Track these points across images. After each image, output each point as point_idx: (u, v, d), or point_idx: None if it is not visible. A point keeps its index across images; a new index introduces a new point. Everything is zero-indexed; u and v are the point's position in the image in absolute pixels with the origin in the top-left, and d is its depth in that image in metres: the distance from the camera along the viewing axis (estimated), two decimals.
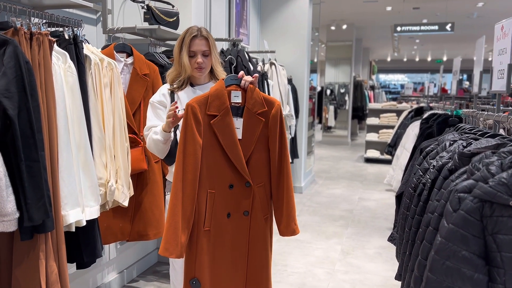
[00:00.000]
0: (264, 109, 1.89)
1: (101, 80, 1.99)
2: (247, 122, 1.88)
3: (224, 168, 1.87)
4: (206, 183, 1.85)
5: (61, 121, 1.72)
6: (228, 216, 1.89)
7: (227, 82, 1.88)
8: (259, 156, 1.91)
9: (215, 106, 1.84)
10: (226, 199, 1.88)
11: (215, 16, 4.07)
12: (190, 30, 2.07)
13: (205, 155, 1.85)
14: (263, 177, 1.93)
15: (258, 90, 1.91)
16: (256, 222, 1.92)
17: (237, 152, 1.86)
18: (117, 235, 2.52)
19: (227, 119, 1.84)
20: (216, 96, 1.84)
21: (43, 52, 1.66)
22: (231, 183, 1.88)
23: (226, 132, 1.85)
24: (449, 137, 2.21)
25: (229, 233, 1.90)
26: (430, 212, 1.60)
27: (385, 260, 3.69)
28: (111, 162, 2.03)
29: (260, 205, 1.93)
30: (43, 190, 1.59)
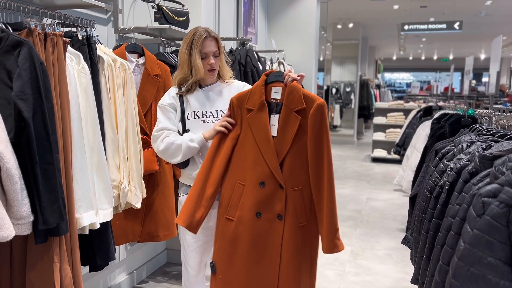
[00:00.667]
0: (302, 107, 1.79)
1: (114, 81, 1.97)
2: (284, 120, 1.82)
3: (257, 163, 1.83)
4: (237, 174, 1.87)
5: (75, 122, 1.71)
6: (258, 215, 1.82)
7: (271, 78, 1.88)
8: (296, 158, 1.81)
9: (252, 101, 1.87)
10: (256, 197, 1.82)
11: (223, 15, 4.04)
12: (198, 32, 2.01)
13: (240, 147, 1.88)
14: (300, 180, 1.82)
15: (299, 87, 1.83)
16: (291, 229, 1.81)
17: (269, 149, 1.82)
18: (128, 236, 2.50)
19: (261, 114, 1.84)
20: (255, 91, 1.88)
21: (57, 53, 1.64)
22: (263, 180, 1.82)
23: (259, 127, 1.85)
24: (466, 138, 2.18)
25: (258, 233, 1.83)
26: (450, 216, 1.57)
27: (396, 262, 3.65)
28: (124, 164, 2.02)
29: (295, 211, 1.81)
30: (57, 193, 1.57)
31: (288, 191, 1.83)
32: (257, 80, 3.63)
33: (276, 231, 1.83)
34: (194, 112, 2.04)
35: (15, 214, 1.48)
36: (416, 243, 2.20)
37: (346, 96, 13.14)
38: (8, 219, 1.43)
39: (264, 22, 5.76)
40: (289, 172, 1.83)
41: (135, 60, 2.44)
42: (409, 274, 3.41)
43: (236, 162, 1.88)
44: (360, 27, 11.53)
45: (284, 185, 1.82)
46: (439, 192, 1.97)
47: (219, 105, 2.09)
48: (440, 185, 1.97)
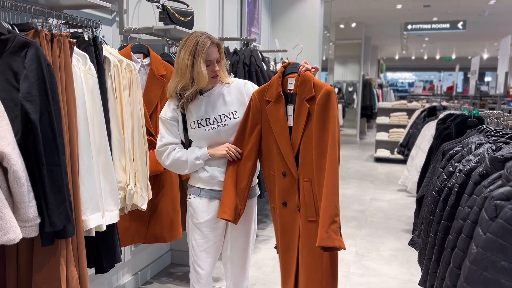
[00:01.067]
0: (311, 94, 1.78)
1: (120, 82, 1.95)
2: (297, 110, 1.84)
3: (278, 154, 1.88)
4: (269, 164, 1.95)
5: (81, 124, 1.69)
6: (284, 204, 1.89)
7: (288, 70, 1.92)
8: (307, 147, 1.79)
9: (270, 93, 1.91)
10: (281, 186, 1.90)
11: (227, 15, 4.03)
12: (201, 39, 1.92)
13: (264, 140, 1.95)
14: (310, 171, 1.77)
15: (311, 77, 1.81)
16: (303, 221, 1.80)
17: (283, 139, 1.86)
18: (133, 238, 2.49)
19: (278, 105, 1.88)
20: (273, 83, 1.92)
21: (64, 54, 1.63)
22: (284, 170, 1.88)
23: (276, 119, 1.89)
24: (474, 139, 2.16)
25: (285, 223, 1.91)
26: (461, 219, 1.56)
27: (401, 263, 3.64)
28: (130, 165, 2.00)
29: (305, 203, 1.78)
30: (64, 195, 1.56)
31: (301, 182, 1.83)
32: (262, 80, 3.66)
33: (296, 221, 1.89)
34: (198, 121, 2.01)
35: (21, 216, 1.47)
36: (423, 245, 2.18)
37: (348, 95, 13.10)
38: (15, 222, 1.42)
39: (268, 21, 5.75)
40: (302, 162, 1.83)
41: (140, 60, 2.42)
42: (415, 275, 3.40)
43: (266, 153, 1.96)
44: (363, 27, 11.50)
45: (298, 176, 1.84)
46: (447, 194, 1.95)
47: (221, 109, 2.03)
48: (449, 187, 1.96)
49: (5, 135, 1.39)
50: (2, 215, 1.38)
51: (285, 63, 1.94)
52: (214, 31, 3.60)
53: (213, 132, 2.02)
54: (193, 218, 2.12)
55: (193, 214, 2.12)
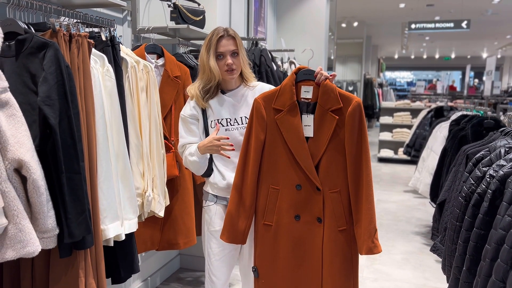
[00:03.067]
0: (339, 106, 1.72)
1: (138, 84, 1.87)
2: (319, 120, 1.75)
3: (291, 166, 1.77)
4: (269, 178, 1.81)
5: (100, 128, 1.61)
6: (296, 218, 1.78)
7: (300, 76, 1.79)
8: (333, 159, 1.74)
9: (282, 101, 1.78)
10: (293, 199, 1.78)
11: (235, 14, 3.94)
12: (216, 31, 1.92)
13: (269, 151, 1.81)
14: (338, 182, 1.74)
15: (334, 86, 1.75)
16: (331, 233, 1.75)
17: (302, 151, 1.75)
18: (147, 244, 2.41)
19: (292, 115, 1.76)
20: (284, 90, 1.78)
21: (82, 55, 1.54)
22: (299, 183, 1.77)
23: (290, 129, 1.76)
24: (502, 143, 2.09)
25: (298, 236, 1.79)
26: (501, 229, 1.49)
27: (414, 267, 3.57)
28: (148, 171, 1.92)
29: (334, 213, 1.75)
30: (84, 204, 1.48)
31: (326, 194, 1.77)
32: (272, 80, 3.58)
33: (317, 234, 1.79)
34: (218, 120, 1.95)
35: (40, 227, 1.39)
36: (449, 252, 2.11)
37: None
38: (34, 234, 1.34)
39: (273, 21, 5.67)
40: (326, 173, 1.76)
41: (154, 61, 2.34)
42: (429, 279, 3.33)
43: (267, 166, 1.82)
44: (365, 26, 11.44)
45: (321, 187, 1.76)
46: (478, 200, 1.88)
47: (243, 111, 1.98)
48: (479, 193, 1.89)
49: (24, 141, 1.31)
50: (22, 227, 1.30)
51: (295, 69, 1.82)
52: None
53: (233, 133, 1.96)
54: (209, 225, 2.05)
55: (209, 221, 2.04)
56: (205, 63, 1.91)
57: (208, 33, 2.96)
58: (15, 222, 1.29)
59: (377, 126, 14.74)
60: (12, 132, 1.29)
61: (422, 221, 4.76)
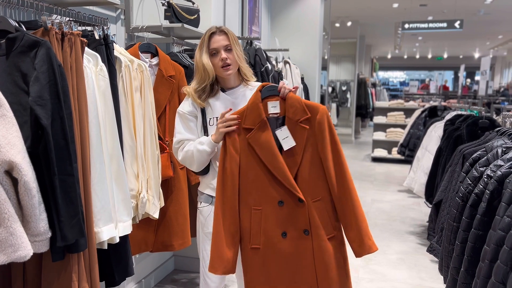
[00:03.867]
0: (307, 116, 1.75)
1: (132, 84, 1.84)
2: (290, 132, 1.76)
3: (270, 183, 1.74)
4: (250, 200, 1.76)
5: (93, 129, 1.58)
6: (283, 235, 1.75)
7: (264, 93, 1.78)
8: (310, 168, 1.75)
9: (251, 119, 1.76)
10: (277, 217, 1.75)
11: (229, 13, 3.92)
12: (208, 29, 1.92)
13: (246, 172, 1.76)
14: (319, 191, 1.75)
15: (298, 97, 1.77)
16: (320, 242, 1.74)
17: (279, 165, 1.73)
18: (141, 246, 2.38)
19: (263, 132, 1.74)
20: (252, 109, 1.76)
21: (75, 54, 1.51)
22: (281, 199, 1.74)
23: (264, 146, 1.74)
24: (498, 143, 2.09)
25: (288, 253, 1.75)
26: (500, 230, 1.48)
27: (409, 267, 3.57)
28: (142, 172, 1.89)
29: (320, 222, 1.74)
30: (77, 207, 1.44)
31: (309, 204, 1.76)
32: (267, 80, 3.55)
33: (306, 247, 1.76)
34: (217, 118, 1.92)
35: (32, 230, 1.36)
36: (446, 253, 2.10)
37: (342, 95, 13.07)
38: (26, 237, 1.30)
39: (267, 20, 5.64)
40: (305, 184, 1.76)
41: (148, 60, 2.31)
42: (424, 280, 3.33)
43: (245, 188, 1.77)
44: (358, 26, 11.45)
45: (304, 198, 1.75)
46: (475, 201, 1.87)
47: None
48: (476, 193, 1.88)
49: (15, 142, 1.27)
50: (13, 231, 1.26)
51: (258, 86, 1.80)
52: None
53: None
54: (204, 227, 2.02)
55: (204, 223, 2.02)
56: (198, 61, 1.90)
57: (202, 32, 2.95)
58: (5, 225, 1.26)
59: (370, 126, 14.79)
60: (2, 133, 1.25)
61: (417, 221, 4.76)
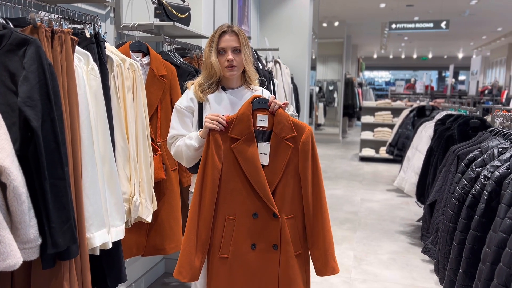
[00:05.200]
0: (293, 134, 1.76)
1: (124, 84, 1.78)
2: (274, 148, 1.76)
3: (247, 195, 1.75)
4: (226, 208, 1.76)
5: (85, 131, 1.52)
6: (253, 247, 1.76)
7: (255, 105, 1.77)
8: (288, 185, 1.77)
9: (239, 130, 1.75)
10: (249, 228, 1.76)
11: (218, 12, 3.87)
12: (221, 26, 1.89)
13: (226, 180, 1.76)
14: (294, 208, 1.78)
15: (287, 115, 1.78)
16: (287, 258, 1.76)
17: (260, 179, 1.73)
18: (132, 250, 2.31)
19: (249, 144, 1.74)
20: (241, 119, 1.75)
21: (66, 52, 1.45)
22: (256, 211, 1.75)
23: (247, 158, 1.74)
24: (494, 143, 2.08)
25: (254, 265, 1.77)
26: (501, 231, 1.46)
27: (401, 267, 3.57)
28: (135, 175, 1.83)
29: (290, 239, 1.77)
30: (69, 212, 1.39)
31: (283, 220, 1.78)
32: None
33: (273, 261, 1.78)
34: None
35: (21, 237, 1.29)
36: (442, 254, 2.09)
37: (329, 94, 13.11)
38: (15, 245, 1.24)
39: (257, 19, 5.60)
40: (282, 200, 1.78)
41: (139, 59, 2.24)
42: (416, 279, 3.33)
43: (223, 196, 1.77)
44: (345, 26, 11.49)
45: (279, 214, 1.76)
46: (472, 201, 1.87)
47: None
48: (473, 194, 1.87)
49: (3, 145, 1.21)
50: (1, 238, 1.20)
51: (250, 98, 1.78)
52: (210, 29, 3.44)
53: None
54: None
55: None
56: (207, 58, 1.89)
57: (194, 31, 2.90)
58: None
59: (357, 125, 14.88)
60: None
61: (406, 220, 4.78)
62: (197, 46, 3.01)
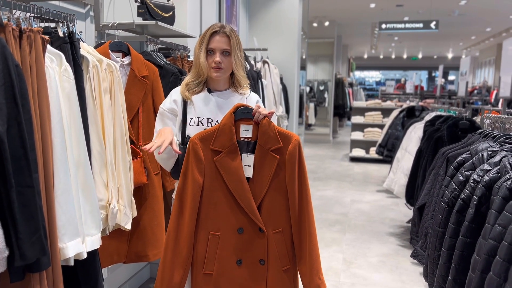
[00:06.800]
0: (279, 145, 1.67)
1: (101, 85, 1.70)
2: (260, 160, 1.67)
3: (231, 210, 1.66)
4: (209, 224, 1.68)
5: (56, 135, 1.44)
6: (238, 263, 1.68)
7: (238, 115, 1.68)
8: (275, 198, 1.69)
9: (221, 142, 1.66)
10: (235, 244, 1.68)
11: (206, 11, 3.79)
12: (213, 26, 1.82)
13: (208, 195, 1.67)
14: (281, 222, 1.70)
15: (273, 124, 1.69)
16: (274, 273, 1.70)
17: (244, 193, 1.65)
18: (113, 257, 2.23)
19: (233, 157, 1.65)
20: (223, 130, 1.65)
21: (35, 53, 1.37)
22: (241, 226, 1.67)
23: (231, 171, 1.65)
24: (483, 146, 2.04)
25: (241, 282, 1.69)
26: (492, 239, 1.41)
27: (390, 270, 3.53)
28: (112, 180, 1.75)
29: (278, 254, 1.70)
30: (38, 222, 1.31)
31: (269, 234, 1.70)
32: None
33: (260, 276, 1.71)
34: (199, 119, 1.82)
35: None
36: (431, 260, 2.05)
37: (320, 94, 13.09)
38: None
39: (246, 19, 5.54)
40: (268, 214, 1.70)
41: (119, 60, 2.17)
42: (406, 283, 3.29)
43: (206, 211, 1.69)
44: (336, 26, 11.46)
45: (265, 229, 1.69)
46: (462, 206, 1.82)
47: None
48: (463, 198, 1.82)
49: None
50: None
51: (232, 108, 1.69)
52: (196, 28, 3.37)
53: None
54: None
55: None
56: (196, 57, 1.83)
57: (178, 30, 2.82)
58: None
59: (347, 125, 14.88)
60: None
61: (396, 222, 4.75)
62: (182, 46, 2.94)
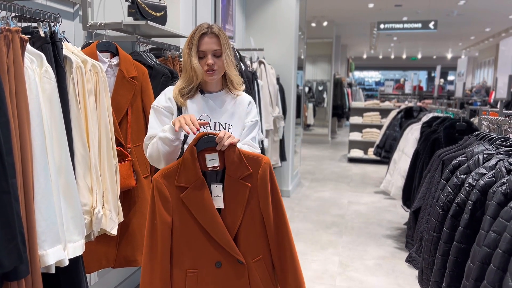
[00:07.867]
0: (248, 172, 1.60)
1: (85, 87, 1.65)
2: (230, 190, 1.60)
3: (206, 245, 1.59)
4: (185, 262, 1.61)
5: (36, 139, 1.39)
6: None
7: (200, 146, 1.58)
8: (251, 227, 1.62)
9: (185, 177, 1.57)
10: (214, 279, 1.61)
11: (201, 11, 3.74)
12: (199, 27, 1.75)
13: (180, 233, 1.59)
14: (259, 249, 1.65)
15: (238, 150, 1.60)
16: None
17: (217, 227, 1.58)
18: (101, 262, 2.18)
19: (199, 191, 1.57)
20: (186, 165, 1.57)
21: (13, 53, 1.32)
22: (218, 260, 1.61)
23: (200, 207, 1.58)
24: (479, 149, 1.99)
25: None
26: (486, 246, 1.36)
27: (387, 273, 3.48)
28: (97, 184, 1.70)
29: (260, 281, 1.65)
30: (15, 228, 1.26)
31: (250, 264, 1.64)
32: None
33: None
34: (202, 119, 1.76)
35: None
36: (426, 265, 2.00)
37: (318, 95, 13.05)
38: None
39: (242, 19, 5.49)
40: (246, 244, 1.64)
41: (107, 60, 2.12)
42: (402, 286, 3.25)
43: (179, 250, 1.61)
44: (334, 26, 11.42)
45: (244, 260, 1.63)
46: (457, 211, 1.77)
47: (219, 117, 1.80)
48: (458, 203, 1.78)
49: None
50: None
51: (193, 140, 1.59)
52: (190, 28, 3.32)
53: None
54: None
55: None
56: (187, 62, 1.75)
57: (170, 30, 2.77)
58: None
59: (346, 126, 14.83)
60: None
61: (393, 224, 4.70)
62: (174, 46, 2.89)
